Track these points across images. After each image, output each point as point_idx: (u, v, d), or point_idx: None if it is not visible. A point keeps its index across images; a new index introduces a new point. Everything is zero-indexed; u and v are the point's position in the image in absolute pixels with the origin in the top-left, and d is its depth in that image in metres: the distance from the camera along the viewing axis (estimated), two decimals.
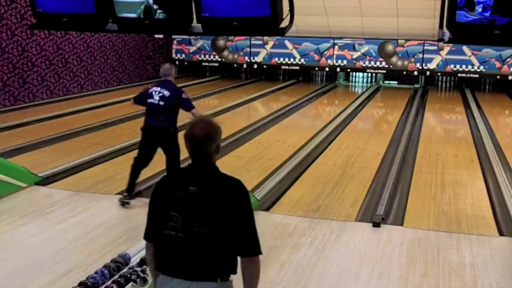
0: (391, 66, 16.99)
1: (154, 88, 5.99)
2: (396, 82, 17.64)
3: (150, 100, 5.95)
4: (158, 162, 7.66)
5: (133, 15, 5.24)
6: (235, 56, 18.21)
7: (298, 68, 17.74)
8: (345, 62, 17.32)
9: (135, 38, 17.38)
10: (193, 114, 5.97)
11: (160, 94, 5.93)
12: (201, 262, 2.31)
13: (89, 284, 3.62)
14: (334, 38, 16.89)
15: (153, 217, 2.44)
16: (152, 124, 5.98)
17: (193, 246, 2.30)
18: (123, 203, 5.96)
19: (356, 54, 17.21)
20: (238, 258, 2.40)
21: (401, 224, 5.54)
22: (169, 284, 2.35)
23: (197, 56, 18.60)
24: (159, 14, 5.12)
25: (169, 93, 5.94)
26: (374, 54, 17.02)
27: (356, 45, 17.13)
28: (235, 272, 2.38)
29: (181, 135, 2.94)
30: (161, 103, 5.90)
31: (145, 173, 7.07)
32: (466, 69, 16.50)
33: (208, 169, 2.41)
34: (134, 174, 6.10)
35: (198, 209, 2.31)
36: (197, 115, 6.05)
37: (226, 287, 2.36)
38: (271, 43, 17.74)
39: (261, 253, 2.37)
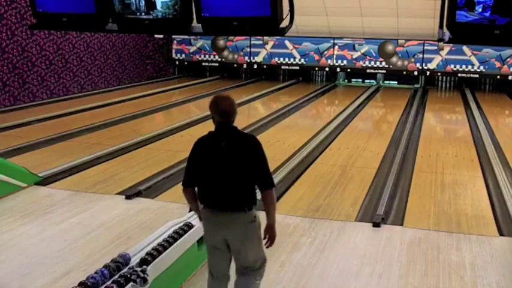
0: (391, 66, 16.99)
1: None
2: (396, 82, 17.65)
3: None
4: (158, 163, 7.68)
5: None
6: (235, 56, 18.21)
7: (298, 68, 17.74)
8: (345, 62, 17.32)
9: (135, 38, 17.39)
10: None
11: None
12: (233, 197, 3.20)
13: (89, 284, 3.61)
14: (334, 38, 16.89)
15: (194, 167, 3.27)
16: None
17: (227, 185, 3.19)
18: None
19: (356, 54, 17.22)
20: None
21: (401, 224, 5.53)
22: (212, 213, 3.25)
23: (197, 56, 18.60)
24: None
25: None
26: (374, 54, 17.02)
27: (356, 45, 17.13)
28: (255, 203, 3.26)
29: None
30: None
31: (144, 174, 7.10)
32: (466, 69, 16.50)
33: (231, 129, 3.24)
34: None
35: (229, 158, 3.18)
36: None
37: (251, 214, 3.25)
38: (271, 43, 17.75)
39: (274, 186, 3.27)
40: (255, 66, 18.07)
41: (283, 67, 17.88)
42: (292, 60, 17.69)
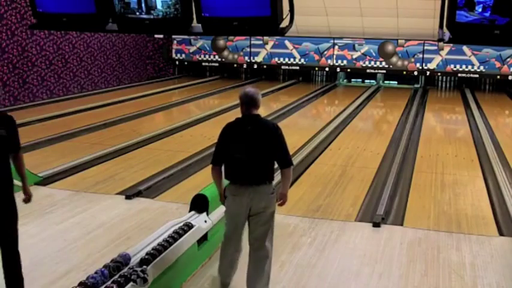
0: (391, 66, 16.99)
1: None
2: (396, 82, 17.64)
3: None
4: (158, 163, 7.68)
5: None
6: (235, 56, 18.21)
7: (298, 68, 17.74)
8: (345, 62, 17.32)
9: (135, 38, 17.39)
10: None
11: None
12: (257, 173, 3.75)
13: (89, 284, 3.61)
14: (334, 38, 16.89)
15: (224, 147, 3.80)
16: None
17: (252, 163, 3.73)
18: None
19: (356, 54, 17.22)
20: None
21: (401, 224, 5.53)
22: (239, 189, 3.76)
23: (197, 56, 18.60)
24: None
25: None
26: (374, 54, 17.02)
27: (356, 45, 17.13)
28: (273, 178, 3.82)
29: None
30: None
31: (144, 174, 7.10)
32: (466, 69, 16.51)
33: (256, 116, 3.82)
34: None
35: (254, 140, 3.74)
36: None
37: (271, 186, 3.81)
38: (271, 43, 17.75)
39: (292, 165, 3.88)
40: (255, 66, 18.08)
41: (283, 67, 17.89)
42: (292, 60, 17.69)
